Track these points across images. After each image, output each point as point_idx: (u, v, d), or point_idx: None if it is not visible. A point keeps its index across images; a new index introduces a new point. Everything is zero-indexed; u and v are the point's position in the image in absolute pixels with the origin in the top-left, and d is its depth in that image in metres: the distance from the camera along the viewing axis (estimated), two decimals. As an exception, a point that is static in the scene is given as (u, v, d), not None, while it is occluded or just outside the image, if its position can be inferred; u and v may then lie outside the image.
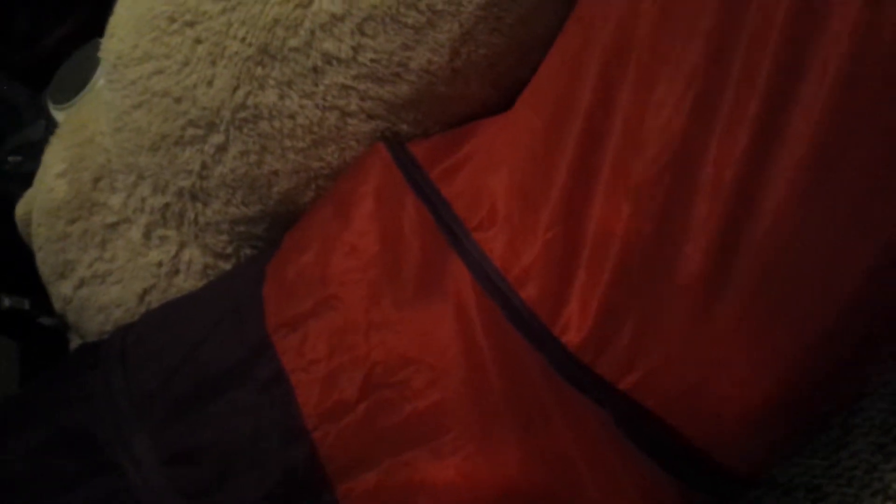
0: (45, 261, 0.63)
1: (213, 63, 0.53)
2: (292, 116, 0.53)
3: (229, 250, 0.59)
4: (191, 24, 0.53)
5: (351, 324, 0.44)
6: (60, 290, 0.63)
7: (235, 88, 0.53)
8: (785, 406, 0.41)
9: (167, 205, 0.58)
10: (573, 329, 0.41)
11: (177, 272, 0.59)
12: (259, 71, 0.53)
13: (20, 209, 0.66)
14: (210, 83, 0.54)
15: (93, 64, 0.70)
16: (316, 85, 0.52)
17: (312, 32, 0.51)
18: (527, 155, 0.44)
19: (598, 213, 0.41)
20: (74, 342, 0.67)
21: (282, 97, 0.53)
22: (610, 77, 0.42)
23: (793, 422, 0.42)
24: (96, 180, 0.61)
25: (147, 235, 0.59)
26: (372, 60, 0.51)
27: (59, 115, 0.72)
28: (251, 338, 0.46)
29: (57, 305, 0.64)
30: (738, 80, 0.38)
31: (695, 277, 0.39)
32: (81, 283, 0.62)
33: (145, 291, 0.60)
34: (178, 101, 0.55)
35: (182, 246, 0.59)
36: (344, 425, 0.43)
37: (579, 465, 0.42)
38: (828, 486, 0.51)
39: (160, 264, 0.59)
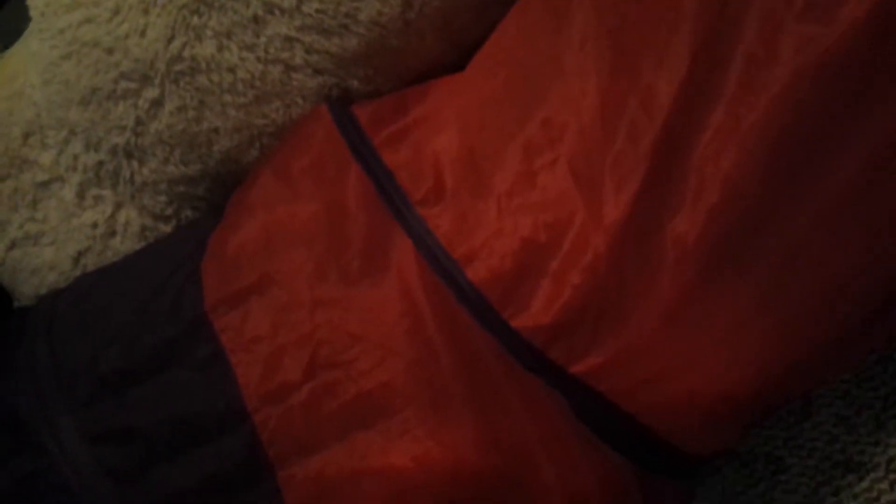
0: (-25, 220, 0.60)
1: (146, 11, 0.51)
2: (232, 70, 0.51)
3: (169, 211, 0.56)
4: (120, -31, 0.50)
5: (295, 301, 0.42)
6: (-8, 251, 0.60)
7: (170, 39, 0.51)
8: (759, 395, 0.39)
9: (101, 163, 0.56)
10: (529, 315, 0.39)
11: (113, 234, 0.57)
12: (195, 20, 0.51)
13: (-54, 165, 0.62)
14: (143, 33, 0.52)
15: (26, 13, 0.66)
16: (257, 36, 0.50)
17: (252, -21, 0.48)
18: (478, 124, 0.42)
19: (570, 199, 0.38)
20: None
21: (220, 49, 0.51)
22: (583, 59, 0.39)
23: (764, 408, 0.41)
24: (26, 136, 0.58)
25: (80, 195, 0.57)
26: (317, 10, 0.49)
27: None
28: (187, 315, 0.43)
29: (-10, 267, 0.61)
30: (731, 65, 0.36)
31: (676, 273, 0.37)
32: (13, 245, 0.59)
33: (80, 254, 0.57)
34: (109, 52, 0.52)
35: (118, 206, 0.56)
36: (287, 408, 0.41)
37: (535, 447, 0.40)
38: (789, 457, 0.50)
39: (95, 225, 0.57)
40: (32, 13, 0.56)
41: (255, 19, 0.49)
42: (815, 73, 0.35)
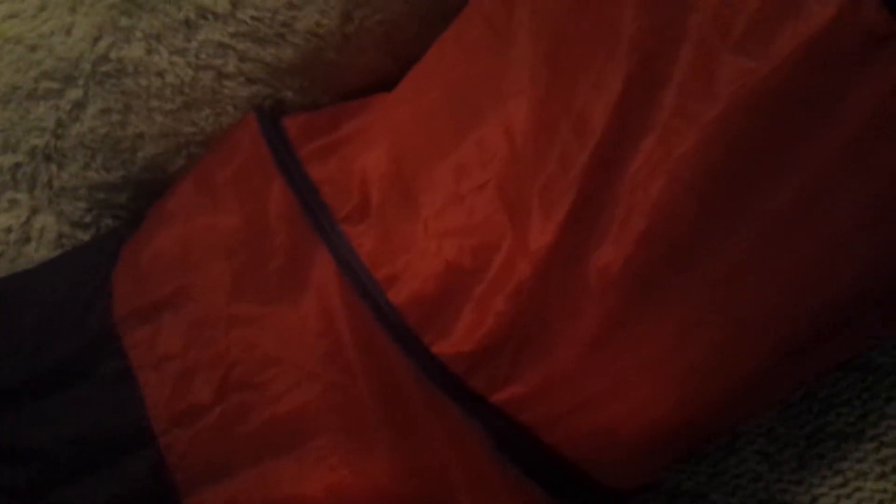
0: None
1: (73, 9, 0.50)
2: (161, 74, 0.50)
3: (88, 219, 0.54)
4: (47, -35, 0.49)
5: (210, 317, 0.40)
6: None
7: (97, 39, 0.50)
8: (684, 427, 0.39)
9: (18, 164, 0.53)
10: (451, 342, 0.38)
11: (28, 240, 0.54)
12: (124, 21, 0.49)
13: None
14: (69, 32, 0.50)
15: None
16: (188, 41, 0.49)
17: (184, -19, 0.47)
18: (410, 142, 0.41)
19: (497, 224, 0.38)
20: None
21: (149, 52, 0.50)
22: (520, 80, 0.38)
23: (690, 441, 0.40)
24: (-60, 133, 0.55)
25: (-5, 198, 0.54)
26: (253, 18, 0.49)
27: None
28: (94, 327, 0.41)
29: None
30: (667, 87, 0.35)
31: (600, 302, 0.36)
32: (-78, 247, 0.56)
33: (-9, 260, 0.54)
34: (32, 49, 0.51)
35: (34, 211, 0.54)
36: (196, 431, 0.39)
37: (455, 476, 0.39)
38: (713, 493, 0.49)
39: (9, 230, 0.54)
40: (-47, 6, 0.54)
41: (187, 23, 0.48)
42: (749, 105, 0.34)
